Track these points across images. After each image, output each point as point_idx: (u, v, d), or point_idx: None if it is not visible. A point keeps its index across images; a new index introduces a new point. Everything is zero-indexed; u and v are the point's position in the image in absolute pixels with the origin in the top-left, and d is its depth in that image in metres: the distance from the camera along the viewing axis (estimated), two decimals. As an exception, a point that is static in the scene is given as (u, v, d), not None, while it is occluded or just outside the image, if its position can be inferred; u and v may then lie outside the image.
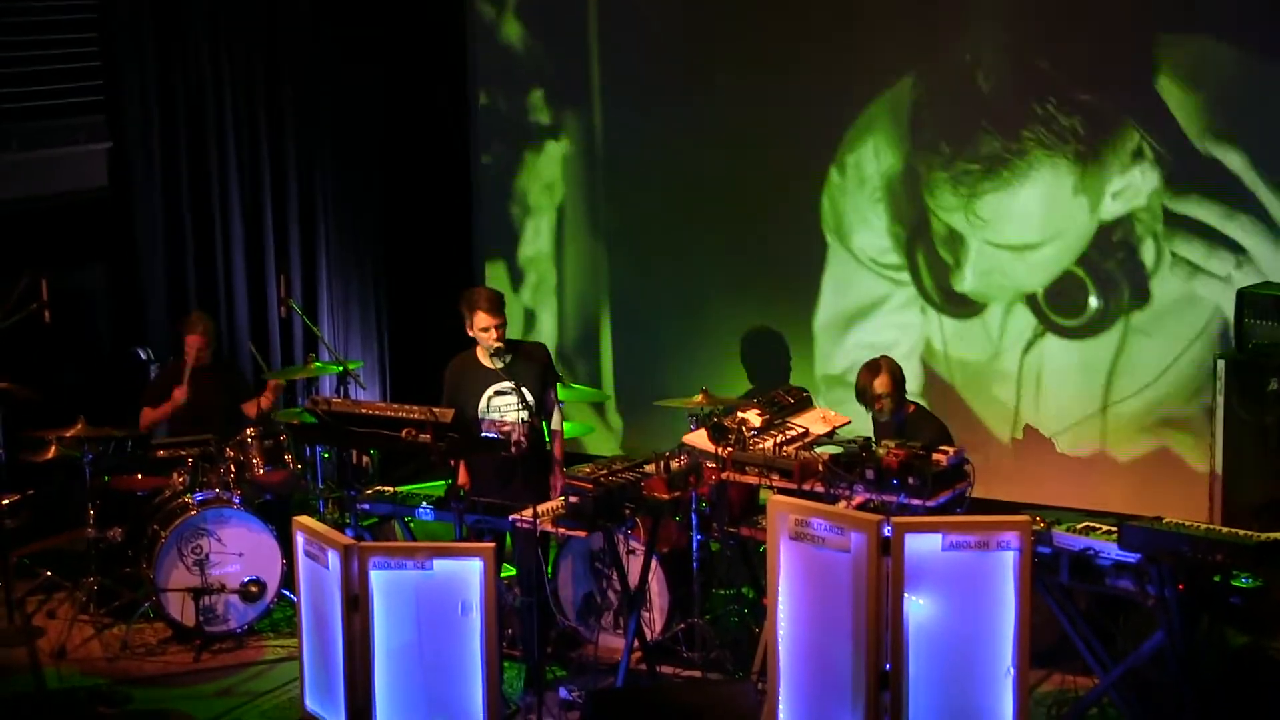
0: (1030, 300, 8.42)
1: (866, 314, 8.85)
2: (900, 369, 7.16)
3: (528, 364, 7.24)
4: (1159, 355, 8.10)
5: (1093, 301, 8.25)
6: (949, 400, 8.56)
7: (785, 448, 6.44)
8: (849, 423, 7.03)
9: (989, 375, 8.57)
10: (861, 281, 8.81)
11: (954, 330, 8.64)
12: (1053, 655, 6.59)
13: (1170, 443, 8.10)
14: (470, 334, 7.16)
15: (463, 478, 7.29)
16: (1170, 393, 8.06)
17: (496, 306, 7.11)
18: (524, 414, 7.11)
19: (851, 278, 8.85)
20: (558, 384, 7.49)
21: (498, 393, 7.18)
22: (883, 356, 7.23)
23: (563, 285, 9.70)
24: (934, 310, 8.66)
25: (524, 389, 7.12)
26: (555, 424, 7.35)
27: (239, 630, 7.59)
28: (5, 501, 7.60)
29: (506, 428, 7.08)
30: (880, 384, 7.07)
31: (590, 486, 6.31)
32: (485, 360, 7.18)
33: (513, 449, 7.10)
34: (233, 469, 7.74)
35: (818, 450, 6.47)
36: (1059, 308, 8.34)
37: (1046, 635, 6.34)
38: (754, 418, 6.68)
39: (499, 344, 7.08)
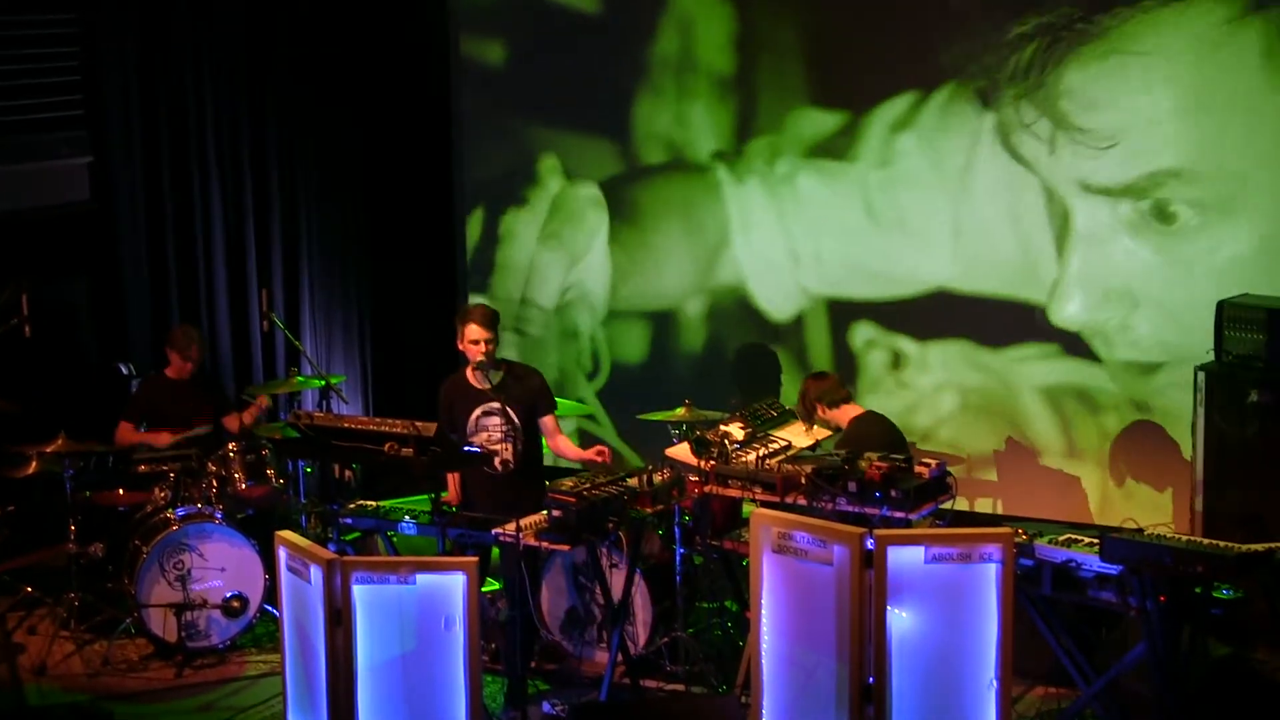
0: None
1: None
2: (812, 384, 7.14)
3: (520, 386, 7.22)
4: (1141, 364, 8.12)
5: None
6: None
7: (768, 461, 6.45)
8: (831, 435, 7.03)
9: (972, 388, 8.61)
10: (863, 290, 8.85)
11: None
12: (1048, 676, 6.58)
13: (1151, 454, 8.11)
14: (460, 347, 7.16)
15: (453, 494, 7.28)
16: (1151, 403, 8.08)
17: (489, 321, 7.11)
18: (510, 434, 7.12)
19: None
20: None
21: (485, 413, 7.18)
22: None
23: (548, 301, 9.68)
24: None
25: (510, 409, 7.12)
26: (562, 443, 7.36)
27: (221, 646, 7.56)
28: (-14, 516, 7.59)
29: (492, 446, 7.09)
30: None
31: (573, 500, 6.31)
32: (474, 380, 7.17)
33: (498, 465, 7.11)
34: (215, 484, 7.72)
35: (800, 463, 6.48)
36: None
37: (1041, 658, 6.34)
38: (736, 431, 6.68)
39: (483, 358, 7.07)
